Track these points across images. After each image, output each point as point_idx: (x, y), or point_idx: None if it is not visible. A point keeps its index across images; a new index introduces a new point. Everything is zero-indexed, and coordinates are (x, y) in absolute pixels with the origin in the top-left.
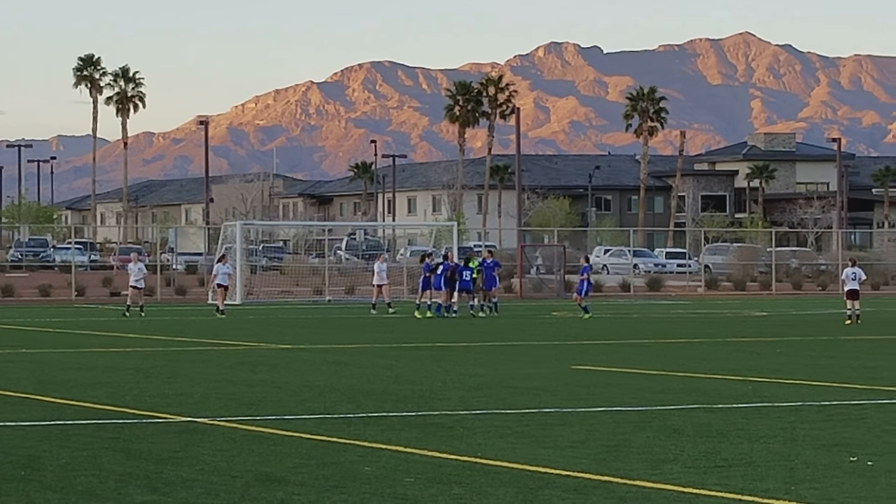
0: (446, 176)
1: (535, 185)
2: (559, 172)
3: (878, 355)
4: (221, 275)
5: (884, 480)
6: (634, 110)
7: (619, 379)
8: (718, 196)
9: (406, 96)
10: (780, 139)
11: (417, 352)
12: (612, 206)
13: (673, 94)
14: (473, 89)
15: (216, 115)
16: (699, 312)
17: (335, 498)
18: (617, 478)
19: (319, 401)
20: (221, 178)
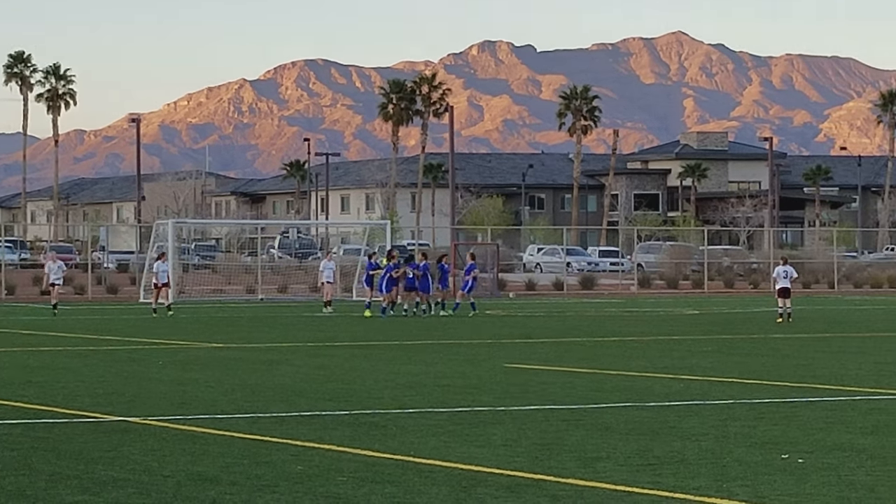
0: (380, 174)
1: (468, 183)
2: (493, 171)
3: (809, 353)
4: (161, 273)
5: (814, 478)
6: (568, 109)
7: (551, 377)
8: (651, 195)
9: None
10: (713, 138)
11: (350, 350)
12: (546, 205)
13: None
14: (407, 87)
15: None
16: (632, 311)
17: (267, 497)
18: (550, 476)
19: (252, 400)
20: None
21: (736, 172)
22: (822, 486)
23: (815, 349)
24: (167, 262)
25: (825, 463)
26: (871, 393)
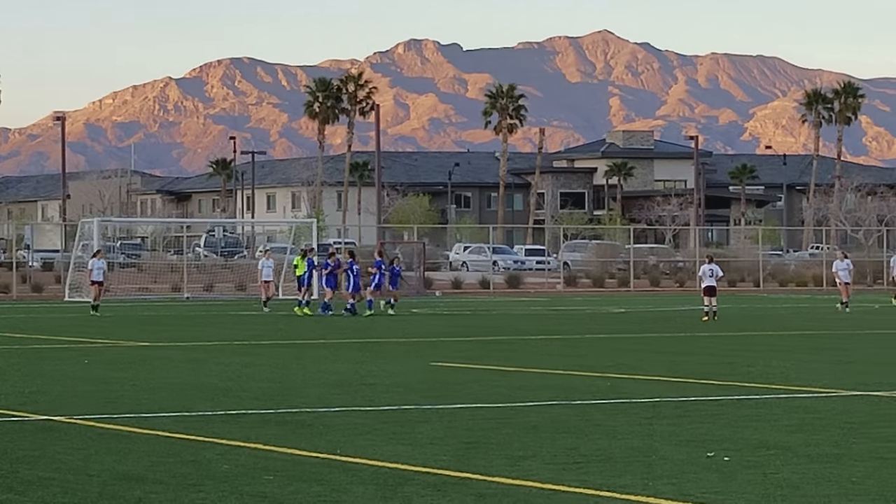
0: (306, 173)
1: (394, 182)
2: (419, 170)
3: (734, 351)
4: (97, 270)
5: (740, 476)
6: (494, 108)
7: (478, 376)
8: (577, 193)
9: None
10: (639, 137)
11: (277, 349)
12: (472, 204)
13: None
14: (333, 86)
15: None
16: (558, 309)
17: (193, 496)
18: (476, 474)
19: (177, 398)
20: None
21: (662, 171)
22: (748, 484)
23: (741, 347)
24: (103, 259)
25: (751, 461)
26: (796, 390)
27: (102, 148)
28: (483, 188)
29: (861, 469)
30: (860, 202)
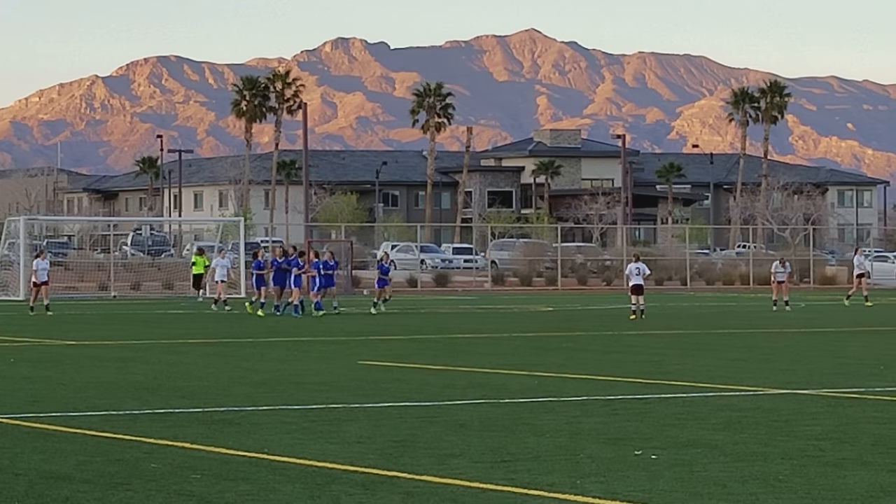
0: (233, 171)
1: (322, 180)
2: (346, 168)
3: (661, 350)
4: (41, 271)
5: (667, 474)
6: (421, 106)
7: (405, 374)
8: (505, 192)
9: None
10: (566, 135)
11: (204, 348)
12: (400, 202)
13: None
14: (260, 84)
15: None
16: (486, 308)
17: (121, 495)
18: (404, 473)
19: (104, 398)
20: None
21: (589, 170)
22: (675, 482)
23: (668, 346)
24: (46, 259)
25: (678, 459)
26: (722, 389)
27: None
28: (411, 187)
29: (787, 467)
30: (786, 201)
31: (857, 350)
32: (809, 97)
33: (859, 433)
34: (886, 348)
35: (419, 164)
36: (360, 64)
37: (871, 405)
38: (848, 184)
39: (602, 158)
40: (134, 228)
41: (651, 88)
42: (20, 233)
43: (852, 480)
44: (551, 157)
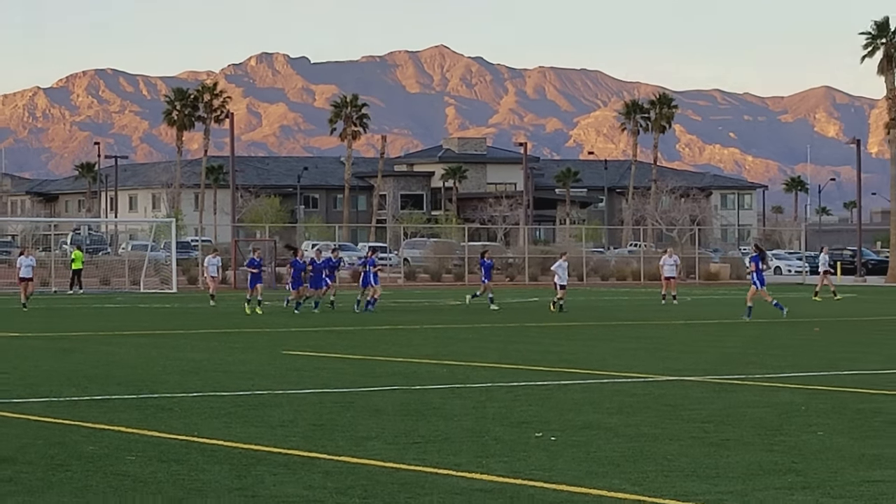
0: (165, 175)
1: (248, 184)
2: (270, 173)
3: (560, 340)
4: (25, 267)
5: (566, 454)
6: (339, 116)
7: (325, 363)
8: (416, 195)
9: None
10: (472, 143)
11: (138, 339)
12: (320, 204)
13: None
14: (190, 95)
15: None
16: (399, 302)
17: (61, 476)
18: (323, 454)
19: (46, 385)
20: None
21: (494, 175)
22: (572, 462)
23: (566, 337)
24: (31, 256)
25: (575, 440)
26: (616, 376)
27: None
28: (329, 190)
29: (675, 447)
30: (674, 203)
31: (737, 341)
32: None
33: (740, 416)
34: (764, 339)
35: (337, 170)
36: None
37: (751, 391)
38: (730, 188)
39: (505, 164)
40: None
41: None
42: None
43: (734, 459)
44: (459, 163)
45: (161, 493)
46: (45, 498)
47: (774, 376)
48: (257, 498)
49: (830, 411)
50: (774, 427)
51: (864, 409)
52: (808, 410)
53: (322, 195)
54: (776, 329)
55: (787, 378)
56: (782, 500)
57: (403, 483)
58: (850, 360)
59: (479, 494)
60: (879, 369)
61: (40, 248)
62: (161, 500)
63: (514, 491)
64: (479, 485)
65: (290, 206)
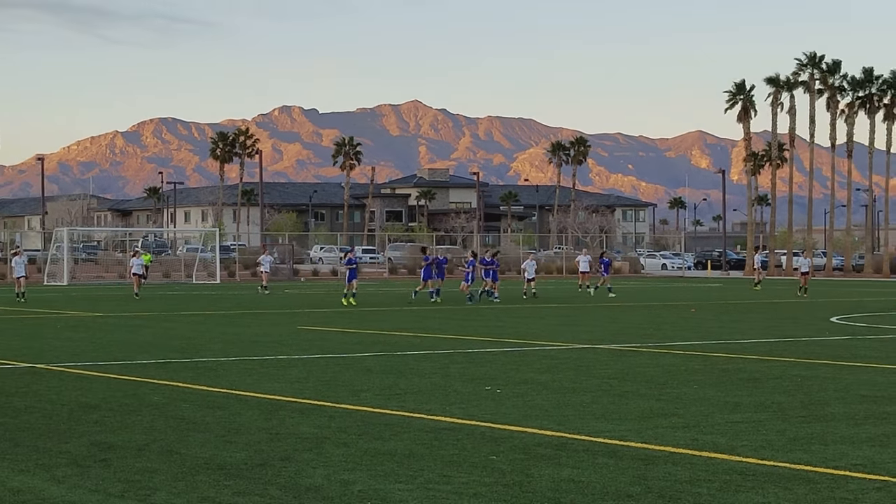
0: (211, 197)
1: (272, 203)
2: (289, 195)
3: (503, 319)
4: (19, 266)
5: (508, 402)
6: (340, 153)
7: (330, 336)
8: (397, 211)
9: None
10: (439, 173)
11: (191, 318)
12: (326, 218)
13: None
14: (229, 137)
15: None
16: (384, 290)
17: (134, 418)
18: (329, 402)
19: (122, 352)
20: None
21: (455, 196)
22: (513, 408)
23: (508, 316)
24: (23, 256)
25: (515, 392)
26: (545, 344)
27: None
28: (333, 207)
29: (589, 397)
30: (588, 217)
31: (635, 318)
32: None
33: (637, 374)
34: (654, 317)
35: (339, 192)
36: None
37: (644, 355)
38: (629, 206)
39: (463, 188)
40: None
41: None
42: (64, 239)
43: (633, 406)
44: (429, 188)
45: (209, 431)
46: (124, 435)
47: (661, 344)
48: (280, 435)
49: (703, 370)
50: (661, 382)
51: (728, 369)
52: (686, 370)
53: (328, 211)
54: (663, 310)
55: (671, 346)
56: (668, 436)
57: (388, 423)
58: (717, 333)
59: (445, 432)
60: (739, 339)
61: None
62: (209, 436)
63: (469, 430)
64: (444, 425)
65: (304, 219)
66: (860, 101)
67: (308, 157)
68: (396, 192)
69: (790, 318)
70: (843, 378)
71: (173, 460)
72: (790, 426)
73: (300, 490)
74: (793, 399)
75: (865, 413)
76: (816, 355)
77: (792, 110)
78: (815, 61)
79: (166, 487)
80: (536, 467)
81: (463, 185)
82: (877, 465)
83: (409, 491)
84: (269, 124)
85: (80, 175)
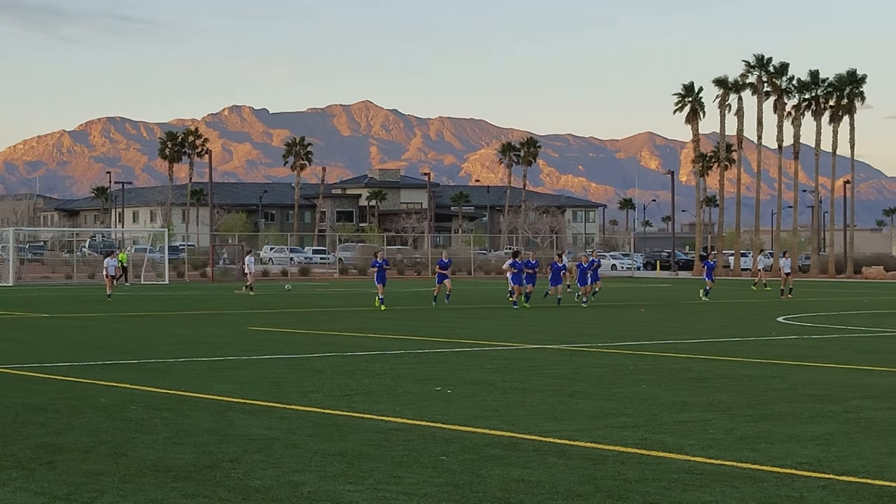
0: (160, 197)
1: (222, 203)
2: (239, 195)
3: (453, 319)
4: (111, 266)
5: (458, 403)
6: (290, 153)
7: (280, 336)
8: (348, 211)
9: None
10: (390, 173)
11: (140, 318)
12: (276, 218)
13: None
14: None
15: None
16: (335, 290)
17: (80, 420)
18: (279, 403)
19: (70, 353)
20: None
21: (406, 196)
22: (464, 408)
23: (457, 316)
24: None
25: (466, 392)
26: (495, 345)
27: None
28: (283, 207)
29: (538, 398)
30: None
31: (586, 319)
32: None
33: (586, 374)
34: (603, 317)
35: (290, 192)
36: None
37: (594, 355)
38: (579, 206)
39: (414, 189)
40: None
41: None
42: (10, 239)
43: (582, 406)
44: (380, 188)
45: (157, 433)
46: (70, 437)
47: (610, 344)
48: (229, 436)
49: (652, 370)
50: (611, 382)
51: (676, 368)
52: (635, 369)
53: (278, 211)
54: (612, 310)
55: (621, 346)
56: (617, 435)
57: (338, 424)
58: (666, 333)
59: (395, 433)
60: (688, 339)
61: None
62: (157, 438)
63: (419, 430)
64: (394, 425)
65: (254, 219)
66: (807, 103)
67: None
68: (347, 193)
69: (738, 318)
70: (790, 377)
71: (120, 462)
72: (737, 425)
73: (249, 492)
74: (740, 398)
75: (811, 412)
76: (763, 355)
77: (740, 112)
78: (763, 64)
79: (113, 490)
80: (486, 467)
81: (414, 185)
82: (822, 463)
83: (360, 492)
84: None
85: (27, 174)
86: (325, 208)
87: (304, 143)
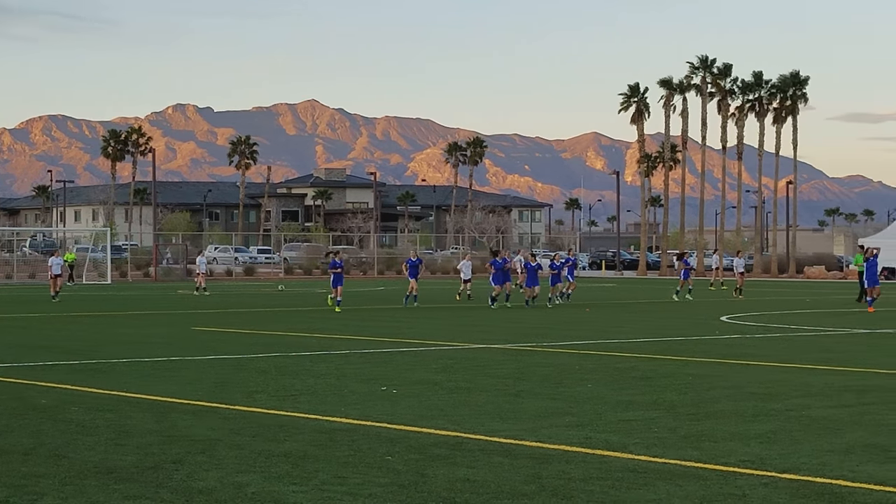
0: (102, 195)
1: (166, 202)
2: (183, 194)
3: (399, 319)
4: (56, 265)
5: (404, 402)
6: (235, 152)
7: (224, 337)
8: (294, 211)
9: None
10: (336, 172)
11: (81, 319)
12: (221, 217)
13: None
14: (121, 135)
15: None
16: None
17: (20, 422)
18: (223, 404)
19: (10, 354)
20: None
21: (352, 196)
22: (409, 408)
23: (404, 316)
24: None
25: (411, 392)
26: (441, 344)
27: None
28: (228, 207)
29: (484, 397)
30: (484, 217)
31: (533, 319)
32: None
33: (531, 373)
34: (549, 317)
35: (234, 192)
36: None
37: (539, 354)
38: (525, 206)
39: (360, 188)
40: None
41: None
42: None
43: (528, 405)
44: (325, 188)
45: (98, 434)
46: (9, 438)
47: (556, 344)
48: (172, 437)
49: (597, 369)
50: (556, 381)
51: (621, 368)
52: (580, 369)
53: (222, 211)
54: (558, 310)
55: (566, 345)
56: (562, 435)
57: (282, 425)
58: (611, 332)
59: (339, 433)
60: (632, 338)
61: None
62: (98, 440)
63: (364, 430)
64: (339, 426)
65: (198, 219)
66: (750, 104)
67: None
68: (293, 192)
69: (682, 317)
70: (733, 376)
71: (61, 464)
72: (681, 424)
73: (192, 493)
74: (684, 397)
75: (754, 410)
76: (707, 354)
77: (684, 113)
78: (707, 65)
79: (53, 492)
80: (431, 467)
81: (360, 185)
82: (764, 461)
83: (304, 492)
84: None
85: None
86: (271, 208)
87: (250, 142)
